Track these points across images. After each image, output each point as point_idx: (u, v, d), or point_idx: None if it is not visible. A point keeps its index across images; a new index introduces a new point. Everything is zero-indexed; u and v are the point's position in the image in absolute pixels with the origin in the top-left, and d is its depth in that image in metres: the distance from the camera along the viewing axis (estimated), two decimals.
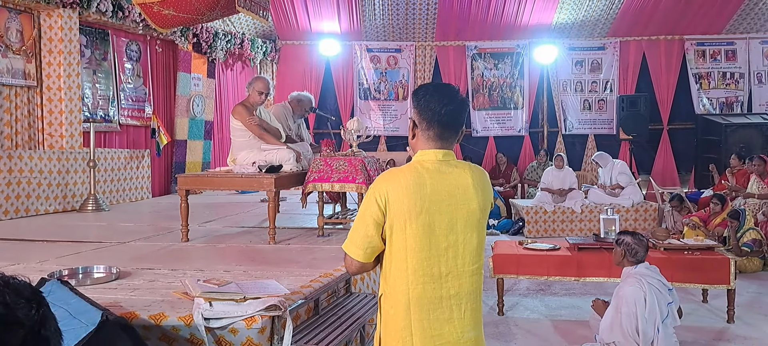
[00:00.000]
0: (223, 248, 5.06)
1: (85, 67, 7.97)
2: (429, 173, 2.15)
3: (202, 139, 10.18)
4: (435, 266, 2.12)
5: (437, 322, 2.13)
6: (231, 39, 10.46)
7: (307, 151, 6.01)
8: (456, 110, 2.19)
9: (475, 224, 2.17)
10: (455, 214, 2.13)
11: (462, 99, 2.23)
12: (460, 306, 2.15)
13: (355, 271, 2.26)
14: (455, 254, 2.14)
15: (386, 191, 2.13)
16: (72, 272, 3.82)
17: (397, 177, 2.15)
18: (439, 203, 2.12)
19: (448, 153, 2.21)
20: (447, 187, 2.14)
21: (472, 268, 2.16)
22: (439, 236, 2.12)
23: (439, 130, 2.18)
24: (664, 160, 11.98)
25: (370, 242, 2.16)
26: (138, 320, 2.96)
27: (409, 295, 2.12)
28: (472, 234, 2.16)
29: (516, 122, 12.31)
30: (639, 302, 4.06)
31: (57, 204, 7.15)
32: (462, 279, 2.15)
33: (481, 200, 2.18)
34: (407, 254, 2.12)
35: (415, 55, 12.26)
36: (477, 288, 2.19)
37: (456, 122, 2.20)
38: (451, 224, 2.13)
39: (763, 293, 6.31)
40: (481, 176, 2.24)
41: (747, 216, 7.33)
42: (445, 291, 2.13)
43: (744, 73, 11.95)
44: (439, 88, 2.25)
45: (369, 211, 2.15)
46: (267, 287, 3.41)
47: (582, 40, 12.12)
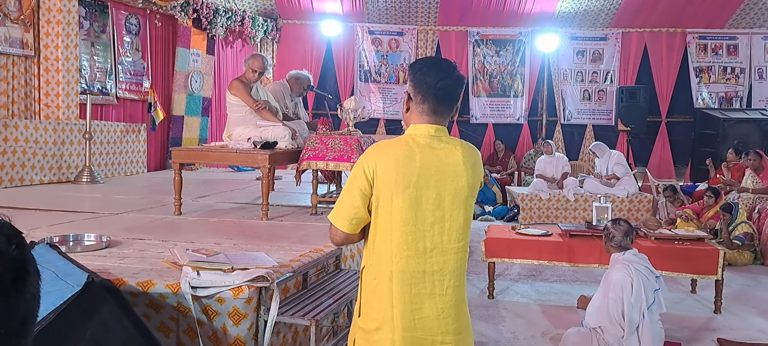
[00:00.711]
0: (215, 222, 5.07)
1: (84, 39, 7.94)
2: (419, 147, 2.13)
3: (200, 116, 10.18)
4: (420, 241, 2.12)
5: (418, 296, 2.13)
6: (231, 16, 10.42)
7: (303, 129, 6.01)
8: (452, 85, 2.18)
9: (463, 201, 2.16)
10: (443, 190, 2.12)
11: (459, 75, 2.21)
12: (442, 282, 2.14)
13: (339, 241, 2.25)
14: (441, 230, 2.13)
15: (375, 162, 2.12)
16: (63, 238, 3.84)
17: (387, 149, 2.14)
18: (428, 178, 2.11)
19: (440, 129, 2.19)
20: (436, 162, 2.13)
21: (457, 245, 2.16)
22: (425, 210, 2.11)
23: (434, 105, 2.17)
24: (661, 152, 11.98)
25: (356, 213, 2.15)
26: (126, 287, 2.98)
27: (392, 268, 2.12)
28: (459, 211, 2.15)
29: (515, 110, 12.30)
30: (625, 288, 4.10)
31: (52, 175, 7.16)
32: (446, 255, 2.14)
33: (471, 178, 2.17)
34: (393, 227, 2.11)
35: (417, 39, 12.22)
36: (461, 265, 2.19)
37: (451, 97, 2.19)
38: (438, 200, 2.12)
39: (751, 285, 6.34)
40: (472, 154, 2.22)
41: (740, 210, 7.36)
42: (428, 266, 2.13)
43: (745, 68, 11.93)
44: (437, 62, 2.23)
45: (356, 182, 2.14)
46: (256, 258, 3.43)
47: (584, 29, 12.09)
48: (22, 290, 0.98)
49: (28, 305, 1.00)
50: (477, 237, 7.39)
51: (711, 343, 4.61)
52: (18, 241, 1.00)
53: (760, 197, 8.19)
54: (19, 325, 0.99)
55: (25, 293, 0.98)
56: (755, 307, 5.57)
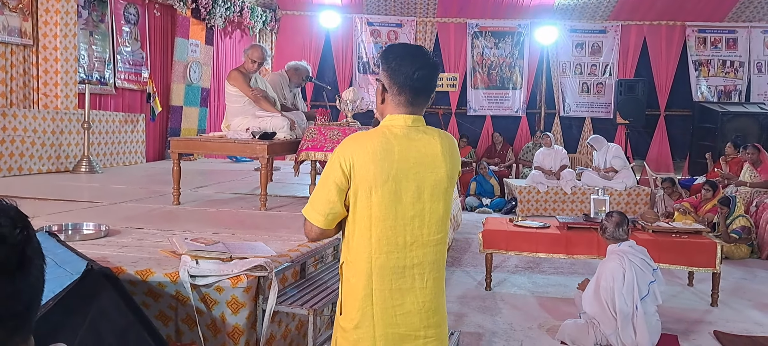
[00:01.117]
0: (214, 212, 5.08)
1: (82, 28, 7.92)
2: (397, 139, 2.07)
3: (198, 107, 10.16)
4: (400, 235, 2.06)
5: (399, 292, 2.08)
6: (230, 6, 10.39)
7: (302, 120, 6.01)
8: (429, 75, 2.11)
9: (442, 192, 2.11)
10: (423, 182, 2.07)
11: (434, 63, 2.15)
12: (422, 276, 2.10)
13: (314, 237, 2.17)
14: (421, 223, 2.08)
15: (352, 155, 2.04)
16: (61, 227, 3.84)
17: (363, 142, 2.06)
18: (407, 170, 2.05)
19: (417, 119, 2.13)
20: (415, 154, 2.07)
21: (436, 237, 2.12)
22: (405, 204, 2.06)
23: (411, 96, 2.10)
24: (659, 146, 12.00)
25: (332, 208, 2.07)
26: (124, 276, 2.99)
27: (371, 263, 2.06)
28: (439, 203, 2.11)
29: (514, 102, 12.30)
30: (617, 278, 4.13)
31: (50, 164, 7.15)
32: (426, 248, 2.10)
33: (449, 168, 2.12)
34: (371, 223, 2.05)
35: (416, 30, 12.21)
36: (441, 258, 2.16)
37: (428, 87, 2.13)
38: (418, 192, 2.07)
39: (748, 279, 6.36)
40: (451, 144, 2.17)
41: (738, 203, 7.38)
42: (408, 260, 2.08)
43: (744, 61, 11.94)
44: (411, 50, 2.16)
45: (333, 176, 2.06)
46: (254, 248, 3.44)
47: (583, 22, 12.08)
48: (27, 274, 0.99)
49: (33, 288, 1.01)
50: (475, 229, 7.41)
51: (707, 336, 4.63)
52: (23, 225, 1.00)
53: (758, 191, 8.20)
54: (24, 308, 1.00)
55: (29, 276, 0.99)
56: (751, 300, 5.59)
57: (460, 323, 4.74)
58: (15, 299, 0.98)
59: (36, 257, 1.02)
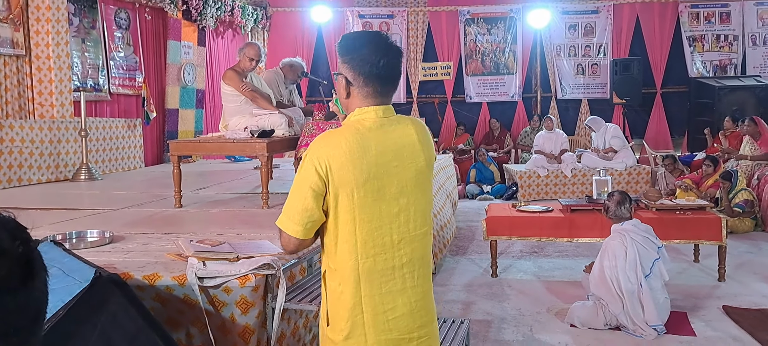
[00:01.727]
0: (216, 213, 5.06)
1: (74, 36, 7.87)
2: (372, 133, 1.95)
3: (194, 108, 10.12)
4: (386, 235, 1.95)
5: (390, 295, 1.97)
6: (221, 6, 10.34)
7: (300, 116, 5.98)
8: (394, 61, 2.00)
9: (424, 182, 2.03)
10: (404, 174, 1.97)
11: (398, 48, 2.04)
12: (412, 274, 2.00)
13: (293, 249, 2.02)
14: (407, 218, 1.98)
15: (327, 157, 1.89)
16: (65, 236, 3.82)
17: (337, 141, 1.92)
18: (387, 165, 1.94)
19: (387, 109, 2.02)
20: (393, 146, 1.96)
21: (422, 230, 2.02)
22: (389, 201, 1.95)
23: (379, 86, 1.98)
24: (657, 123, 11.98)
25: (310, 216, 1.92)
26: (132, 281, 2.97)
27: (358, 269, 1.94)
28: (422, 194, 2.03)
29: (509, 88, 12.27)
30: (619, 256, 4.15)
31: (49, 174, 7.12)
32: (414, 244, 2.00)
33: (428, 155, 2.05)
34: (356, 225, 1.92)
35: (408, 20, 12.17)
36: (427, 251, 2.07)
37: (394, 74, 2.01)
38: (401, 187, 1.97)
39: (753, 252, 6.37)
40: (423, 130, 2.08)
41: (739, 177, 7.38)
42: (397, 260, 1.97)
43: (738, 35, 11.92)
44: (372, 37, 2.03)
45: (308, 181, 1.91)
46: (260, 246, 3.42)
47: (575, 3, 12.04)
48: (32, 287, 0.97)
49: (38, 301, 0.99)
50: (477, 217, 7.40)
51: (716, 311, 4.63)
52: (23, 237, 0.98)
53: (759, 164, 8.21)
54: (30, 322, 0.98)
55: (34, 289, 0.97)
56: (758, 273, 5.60)
57: (469, 311, 4.74)
58: (19, 314, 0.96)
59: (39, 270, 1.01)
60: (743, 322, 4.33)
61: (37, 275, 0.98)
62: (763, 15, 11.86)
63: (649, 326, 4.15)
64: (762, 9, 11.85)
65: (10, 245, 0.94)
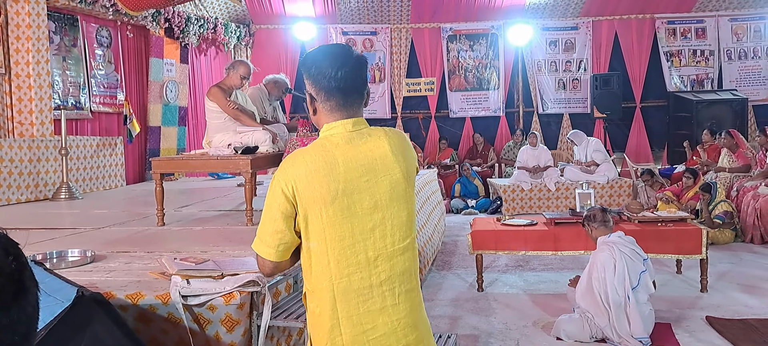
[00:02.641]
0: (200, 231, 5.02)
1: (55, 54, 7.81)
2: (339, 148, 1.89)
3: (177, 126, 10.07)
4: (361, 252, 1.88)
5: (368, 315, 1.88)
6: (204, 23, 10.33)
7: (283, 133, 5.97)
8: (353, 70, 1.93)
9: (402, 195, 1.93)
10: (377, 189, 1.89)
11: (357, 56, 1.97)
12: (393, 291, 1.90)
13: (269, 272, 1.99)
14: (383, 233, 1.89)
15: (293, 178, 1.86)
16: (45, 255, 3.76)
17: (303, 160, 1.89)
18: (357, 180, 1.87)
19: (358, 121, 1.95)
20: (363, 160, 1.89)
21: (402, 245, 1.92)
22: (362, 217, 1.88)
23: (341, 99, 1.92)
24: (638, 137, 12.12)
25: (281, 238, 1.90)
26: (115, 300, 2.93)
27: (334, 289, 1.88)
28: (400, 207, 1.92)
29: (492, 103, 12.36)
30: (608, 268, 4.16)
31: (28, 193, 7.03)
32: (393, 260, 1.91)
33: (404, 167, 1.94)
34: (327, 245, 1.87)
35: (391, 37, 12.23)
36: (410, 266, 1.96)
37: (356, 84, 1.94)
38: (374, 201, 1.89)
39: (735, 263, 6.44)
40: (400, 140, 1.99)
41: (718, 189, 7.47)
42: (374, 278, 1.89)
43: (714, 50, 12.12)
44: (328, 50, 1.99)
45: (275, 204, 1.89)
46: (245, 263, 3.39)
47: (555, 20, 12.19)
48: (24, 304, 0.95)
49: (30, 318, 0.98)
50: (462, 231, 7.42)
51: (700, 322, 4.67)
52: (15, 253, 0.97)
53: (737, 176, 8.33)
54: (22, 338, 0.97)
55: (26, 306, 0.96)
56: (740, 283, 5.66)
57: (455, 326, 4.73)
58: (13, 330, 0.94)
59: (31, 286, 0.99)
60: (727, 332, 4.37)
61: (29, 292, 0.97)
62: (737, 30, 12.08)
63: (635, 338, 4.16)
64: (736, 24, 12.08)
65: (3, 262, 0.92)
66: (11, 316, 0.94)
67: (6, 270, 0.93)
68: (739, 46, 12.08)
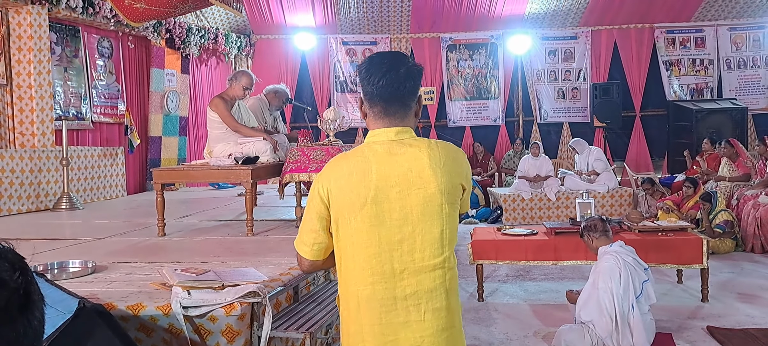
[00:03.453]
0: (201, 241, 5.02)
1: (56, 65, 7.84)
2: (377, 156, 1.89)
3: (177, 136, 10.09)
4: (386, 263, 1.86)
5: (391, 326, 1.87)
6: (205, 34, 10.36)
7: (284, 142, 5.99)
8: (397, 78, 1.91)
9: (436, 210, 1.87)
10: (409, 201, 1.86)
11: (405, 64, 1.94)
12: (418, 307, 1.87)
13: (306, 269, 2.05)
14: (411, 247, 1.86)
15: (328, 181, 1.91)
16: (46, 266, 3.77)
17: (340, 165, 1.93)
18: (388, 189, 1.86)
19: (402, 131, 1.93)
20: (397, 170, 1.87)
21: (433, 262, 1.87)
22: (390, 228, 1.86)
23: (383, 105, 1.93)
24: (638, 146, 12.14)
25: (315, 238, 1.96)
26: (115, 311, 2.94)
27: (358, 296, 1.89)
28: (432, 223, 1.87)
29: (492, 112, 12.38)
30: (614, 278, 4.14)
31: (30, 203, 7.04)
32: (420, 275, 1.87)
33: (443, 182, 1.87)
34: (355, 251, 1.89)
35: (391, 47, 12.25)
36: (440, 285, 1.89)
37: (399, 92, 1.92)
38: (404, 214, 1.86)
39: (736, 272, 6.43)
40: (443, 154, 1.92)
41: (719, 198, 7.47)
42: (399, 291, 1.86)
43: (713, 59, 12.15)
44: (380, 56, 1.98)
45: (312, 205, 1.95)
46: (246, 274, 3.40)
47: (554, 29, 12.22)
48: (29, 317, 0.96)
49: (36, 331, 0.99)
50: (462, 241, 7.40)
51: (701, 332, 4.66)
52: (22, 267, 0.98)
53: (738, 185, 8.33)
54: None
55: (32, 319, 0.97)
56: (741, 293, 5.65)
57: None
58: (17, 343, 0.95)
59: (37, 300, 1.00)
60: (728, 343, 4.36)
61: (35, 305, 0.97)
62: (736, 40, 12.12)
63: None
64: (735, 34, 12.11)
65: (10, 276, 0.94)
66: (17, 329, 0.95)
67: (12, 284, 0.94)
68: (739, 55, 12.11)
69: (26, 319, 0.96)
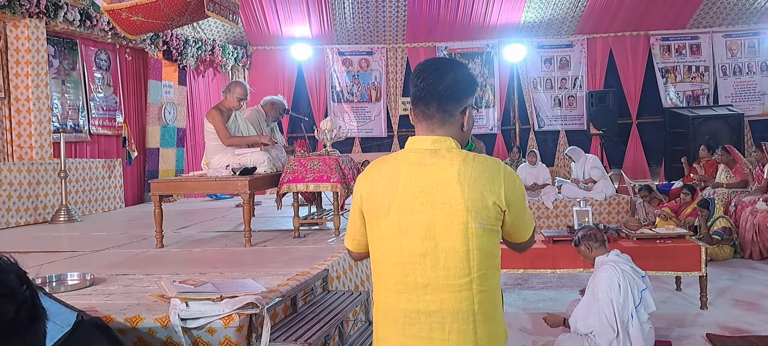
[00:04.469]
0: (199, 252, 5.02)
1: (54, 78, 7.85)
2: (408, 164, 1.82)
3: (175, 147, 10.09)
4: (410, 275, 1.79)
5: (413, 339, 1.80)
6: (201, 46, 10.39)
7: (281, 153, 6.00)
8: (438, 80, 1.82)
9: (461, 228, 1.75)
10: (434, 214, 1.77)
11: (452, 69, 1.86)
12: (442, 326, 1.77)
13: (355, 258, 2.11)
14: (435, 263, 1.77)
15: (363, 182, 1.91)
16: (45, 279, 3.76)
17: (374, 168, 1.91)
18: (411, 200, 1.79)
19: (440, 139, 1.83)
20: (423, 181, 1.79)
21: (459, 282, 1.76)
22: (412, 239, 1.79)
23: (422, 109, 1.86)
24: (634, 153, 12.17)
25: (355, 233, 1.99)
26: (114, 324, 2.93)
27: (385, 302, 1.85)
28: (457, 240, 1.76)
29: (488, 121, 12.42)
30: (613, 287, 4.13)
31: (28, 216, 7.03)
32: (444, 294, 1.77)
33: (472, 200, 1.75)
34: (381, 257, 1.86)
35: (387, 57, 12.30)
36: (467, 306, 1.77)
37: (438, 95, 1.83)
38: (427, 227, 1.77)
39: (734, 279, 6.44)
40: (476, 169, 1.78)
41: (716, 205, 7.49)
42: (423, 305, 1.78)
43: (709, 66, 12.20)
44: (431, 60, 1.93)
45: (353, 201, 1.99)
46: (244, 285, 3.40)
47: (550, 38, 12.28)
48: (36, 330, 0.97)
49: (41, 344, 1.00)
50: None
51: (700, 339, 4.66)
52: (27, 280, 0.99)
53: (735, 191, 8.35)
54: None
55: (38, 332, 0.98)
56: (740, 300, 5.65)
57: None
58: None
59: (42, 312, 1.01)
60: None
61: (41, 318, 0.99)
62: (731, 46, 12.18)
63: None
64: (730, 40, 12.17)
65: (19, 289, 0.95)
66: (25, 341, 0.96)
67: (21, 297, 0.95)
68: (734, 61, 12.17)
69: (34, 331, 0.97)
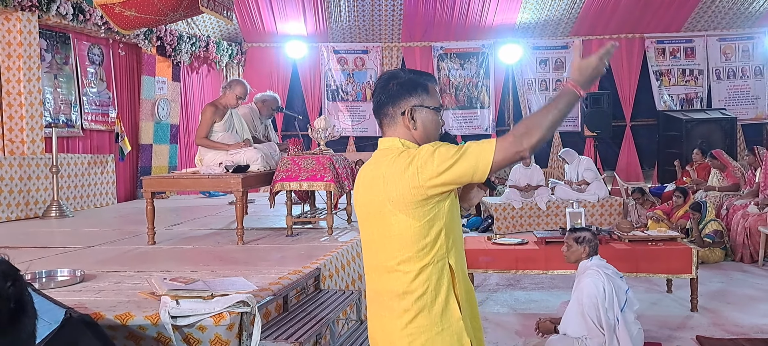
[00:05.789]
0: (191, 250, 5.00)
1: (46, 72, 7.81)
2: (368, 163, 2.15)
3: (168, 144, 10.05)
4: (367, 259, 2.12)
5: (373, 317, 2.10)
6: (196, 42, 10.35)
7: (275, 152, 5.98)
8: (374, 93, 2.14)
9: (381, 219, 1.97)
10: (371, 207, 2.03)
11: (384, 78, 2.12)
12: (382, 304, 2.04)
13: None
14: (376, 248, 2.04)
15: None
16: (34, 275, 3.74)
17: None
18: (361, 196, 2.08)
19: (384, 140, 2.10)
20: (366, 178, 2.08)
21: (388, 264, 1.98)
22: (364, 228, 2.10)
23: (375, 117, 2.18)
24: (628, 156, 12.20)
25: None
26: (104, 321, 2.92)
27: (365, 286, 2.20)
28: (385, 227, 1.97)
29: (482, 121, 12.42)
30: (599, 292, 4.14)
31: (19, 211, 6.99)
32: (382, 275, 2.02)
33: (389, 192, 1.93)
34: None
35: (382, 56, 12.29)
36: (397, 288, 1.96)
37: (374, 107, 2.13)
38: (368, 217, 2.05)
39: (725, 282, 6.47)
40: (394, 165, 1.95)
41: (708, 208, 7.52)
42: (372, 285, 2.09)
43: (703, 69, 12.24)
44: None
45: None
46: (235, 283, 3.38)
47: (545, 39, 12.29)
48: (20, 328, 0.96)
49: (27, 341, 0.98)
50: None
51: (690, 341, 4.68)
52: (14, 277, 0.98)
53: (727, 195, 8.38)
54: None
55: (23, 329, 0.96)
56: (730, 302, 5.68)
57: None
58: None
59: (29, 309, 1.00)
60: None
61: (27, 315, 0.97)
62: (725, 50, 12.22)
63: None
64: (725, 44, 12.22)
65: (1, 286, 0.93)
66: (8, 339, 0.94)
67: (3, 294, 0.94)
68: (728, 65, 12.22)
69: (17, 328, 0.95)
